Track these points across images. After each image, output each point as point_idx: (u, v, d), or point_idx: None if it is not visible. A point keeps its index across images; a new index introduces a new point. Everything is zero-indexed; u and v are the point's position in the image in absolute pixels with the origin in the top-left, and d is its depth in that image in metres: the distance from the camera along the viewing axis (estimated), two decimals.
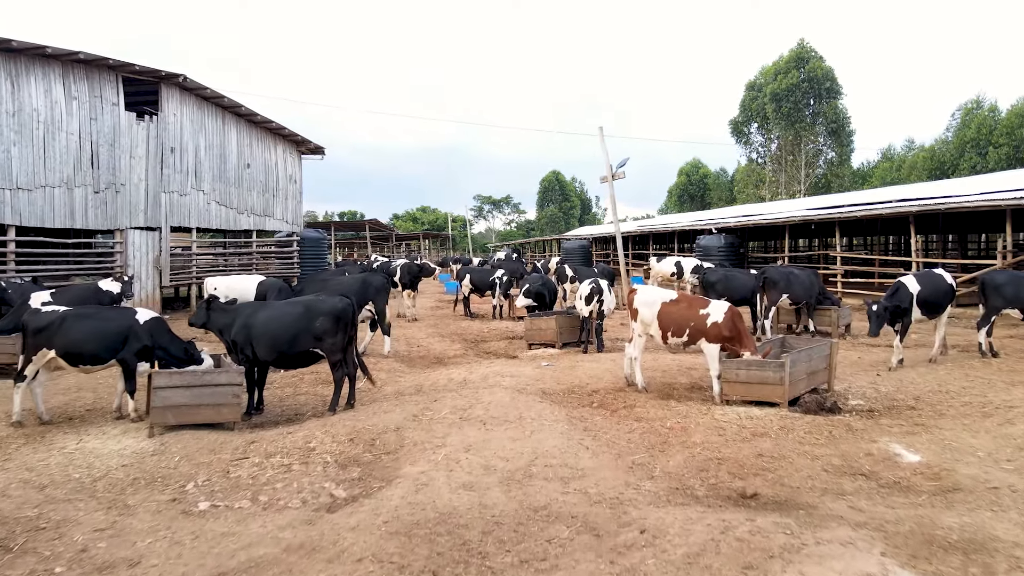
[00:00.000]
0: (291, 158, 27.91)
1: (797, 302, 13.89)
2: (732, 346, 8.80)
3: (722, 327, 8.81)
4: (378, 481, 6.19)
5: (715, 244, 27.92)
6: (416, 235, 63.27)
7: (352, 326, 8.40)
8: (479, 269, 20.49)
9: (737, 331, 8.79)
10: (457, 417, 7.81)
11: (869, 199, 26.69)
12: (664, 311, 9.26)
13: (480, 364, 11.94)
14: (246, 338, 8.23)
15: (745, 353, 8.60)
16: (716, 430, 7.38)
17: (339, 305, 8.23)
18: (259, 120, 25.31)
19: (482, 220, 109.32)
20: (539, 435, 7.18)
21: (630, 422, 7.90)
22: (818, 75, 53.54)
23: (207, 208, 23.02)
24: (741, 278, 15.03)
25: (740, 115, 62.11)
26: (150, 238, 20.54)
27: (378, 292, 12.42)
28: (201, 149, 22.69)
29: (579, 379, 10.11)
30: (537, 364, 11.58)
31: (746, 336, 8.80)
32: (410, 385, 10.16)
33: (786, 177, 59.06)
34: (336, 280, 12.67)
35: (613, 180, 18.76)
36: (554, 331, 13.36)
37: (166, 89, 21.06)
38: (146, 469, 6.60)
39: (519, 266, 31.46)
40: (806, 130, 55.95)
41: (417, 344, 14.47)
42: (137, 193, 20.08)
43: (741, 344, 8.74)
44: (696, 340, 9.00)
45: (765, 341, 9.62)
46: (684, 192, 78.08)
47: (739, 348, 8.72)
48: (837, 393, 9.07)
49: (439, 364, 12.58)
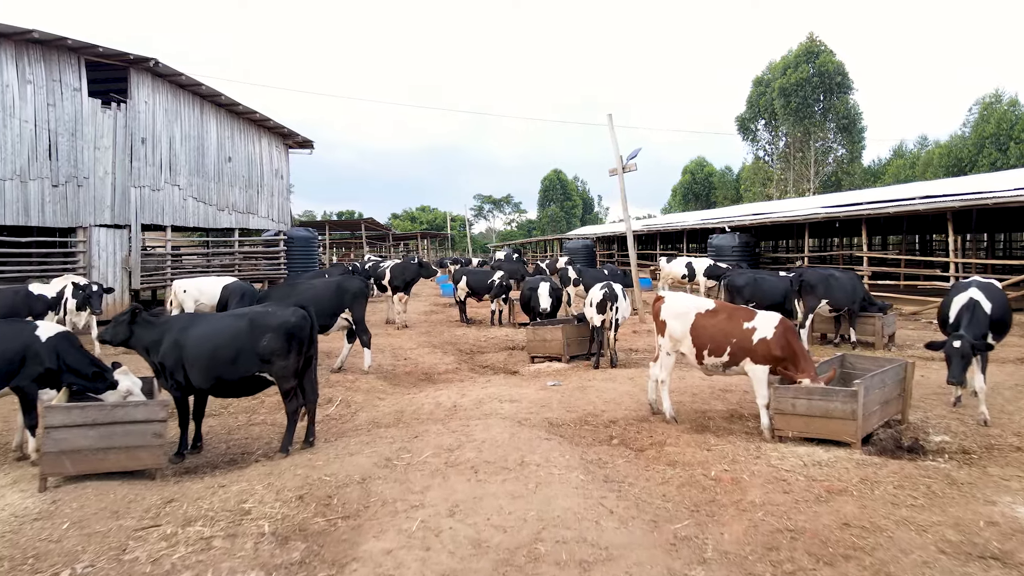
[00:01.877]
0: (277, 152, 26.20)
1: (838, 309, 12.17)
2: (785, 368, 7.09)
3: (772, 345, 7.10)
4: (327, 567, 4.48)
5: (728, 243, 26.21)
6: (414, 235, 61.56)
7: (310, 344, 6.68)
8: (476, 271, 18.77)
9: (791, 350, 7.08)
10: (442, 462, 6.09)
11: (894, 195, 24.94)
12: (700, 324, 7.55)
13: (474, 383, 10.23)
14: (176, 360, 6.53)
15: (803, 378, 6.89)
16: (777, 483, 5.66)
17: (291, 319, 6.51)
18: (241, 110, 23.59)
19: (482, 220, 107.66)
20: (547, 490, 5.47)
21: (662, 467, 6.18)
22: (829, 69, 51.80)
23: (183, 204, 21.30)
24: (771, 281, 13.31)
25: (747, 111, 60.40)
26: (118, 237, 18.83)
27: (355, 298, 10.71)
28: (176, 140, 20.97)
29: (593, 404, 8.39)
30: (541, 383, 9.88)
31: (803, 356, 7.08)
32: (389, 411, 8.45)
33: (795, 175, 57.36)
34: (307, 285, 10.96)
35: (624, 172, 17.05)
36: (560, 343, 11.65)
37: (136, 75, 19.35)
38: (20, 543, 4.89)
39: (519, 267, 29.78)
40: (816, 126, 54.22)
41: (404, 356, 12.75)
42: (103, 187, 18.36)
43: (797, 366, 7.03)
44: (739, 361, 7.29)
45: (825, 362, 7.89)
46: (689, 191, 76.33)
47: (794, 371, 7.01)
48: (913, 425, 7.36)
49: (427, 381, 10.87)
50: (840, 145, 56.04)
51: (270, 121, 25.04)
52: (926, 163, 49.53)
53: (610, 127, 17.27)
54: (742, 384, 8.89)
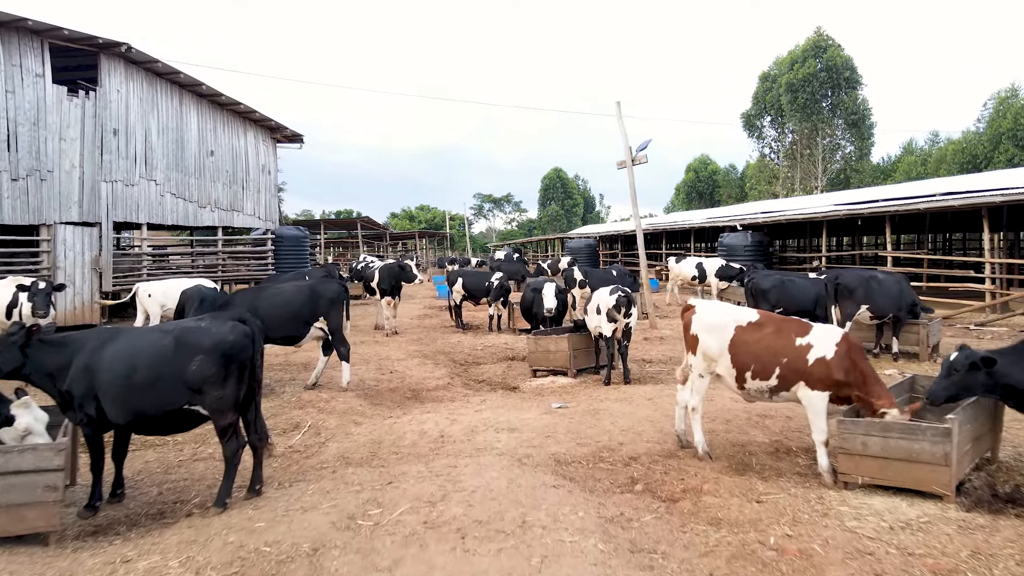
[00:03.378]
0: (264, 146, 24.83)
1: (881, 315, 10.78)
2: (850, 394, 5.72)
3: (833, 366, 5.71)
4: None
5: (740, 243, 24.80)
6: (412, 234, 60.16)
7: (253, 368, 5.29)
8: (473, 272, 17.36)
9: (858, 372, 5.69)
10: (420, 521, 4.71)
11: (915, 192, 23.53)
12: (741, 340, 6.16)
13: (468, 403, 8.85)
14: (87, 388, 5.13)
15: (880, 408, 5.50)
16: (862, 559, 4.27)
17: (228, 337, 5.11)
18: (224, 101, 22.21)
19: (483, 219, 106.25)
20: (556, 567, 4.10)
21: (703, 528, 4.80)
22: (837, 64, 50.35)
23: (160, 201, 19.92)
24: (801, 284, 11.92)
25: (753, 108, 58.99)
26: (87, 235, 17.45)
27: (331, 304, 9.32)
28: (153, 132, 19.59)
29: (608, 434, 7.00)
30: (545, 404, 8.49)
31: (874, 380, 5.70)
32: (364, 442, 7.07)
33: (801, 172, 55.94)
34: (274, 290, 9.55)
35: (633, 165, 15.65)
36: (566, 355, 10.26)
37: (107, 61, 17.97)
38: None
39: (520, 267, 28.39)
40: (824, 122, 52.80)
41: (390, 369, 11.37)
42: (69, 182, 16.97)
43: (867, 392, 5.64)
44: (791, 385, 5.90)
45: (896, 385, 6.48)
46: (692, 189, 74.86)
47: (863, 398, 5.63)
48: (1006, 465, 5.97)
49: (414, 400, 9.48)
50: (848, 142, 54.64)
51: (256, 113, 23.68)
52: (939, 160, 48.10)
53: (618, 116, 15.88)
54: (784, 407, 7.52)
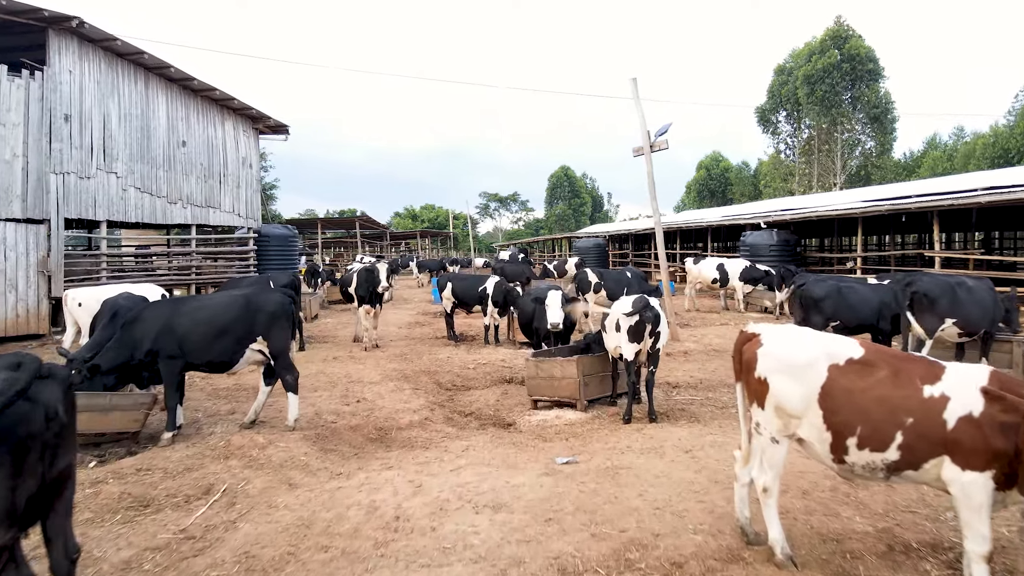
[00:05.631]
0: (245, 137, 22.83)
1: (973, 332, 8.61)
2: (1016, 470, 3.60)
3: (988, 430, 3.59)
4: None
5: (765, 242, 22.66)
6: (414, 234, 58.12)
7: (56, 448, 3.18)
8: (464, 276, 15.22)
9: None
10: None
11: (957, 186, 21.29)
12: (839, 387, 4.03)
13: (445, 452, 6.74)
14: None
15: None
16: None
17: None
18: (198, 87, 20.22)
19: (488, 219, 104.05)
20: None
21: None
22: (859, 55, 47.94)
23: (122, 196, 17.92)
24: (861, 292, 9.75)
25: (767, 102, 56.65)
26: (32, 234, 15.46)
27: (273, 320, 7.24)
28: (113, 119, 17.59)
29: (634, 513, 4.88)
30: (547, 457, 6.38)
31: None
32: (287, 524, 4.97)
33: (819, 168, 53.59)
34: (196, 303, 7.43)
35: (652, 152, 13.52)
36: (575, 383, 8.14)
37: (56, 37, 15.96)
38: None
39: (525, 268, 26.29)
40: (843, 116, 50.41)
41: (358, 396, 9.27)
42: (9, 173, 14.97)
43: None
44: (923, 461, 3.78)
45: None
46: (704, 187, 72.63)
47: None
48: None
49: (378, 443, 7.38)
50: (869, 137, 52.26)
51: (235, 101, 21.67)
52: (966, 155, 45.75)
53: (635, 95, 13.75)
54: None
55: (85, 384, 6.85)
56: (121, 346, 7.00)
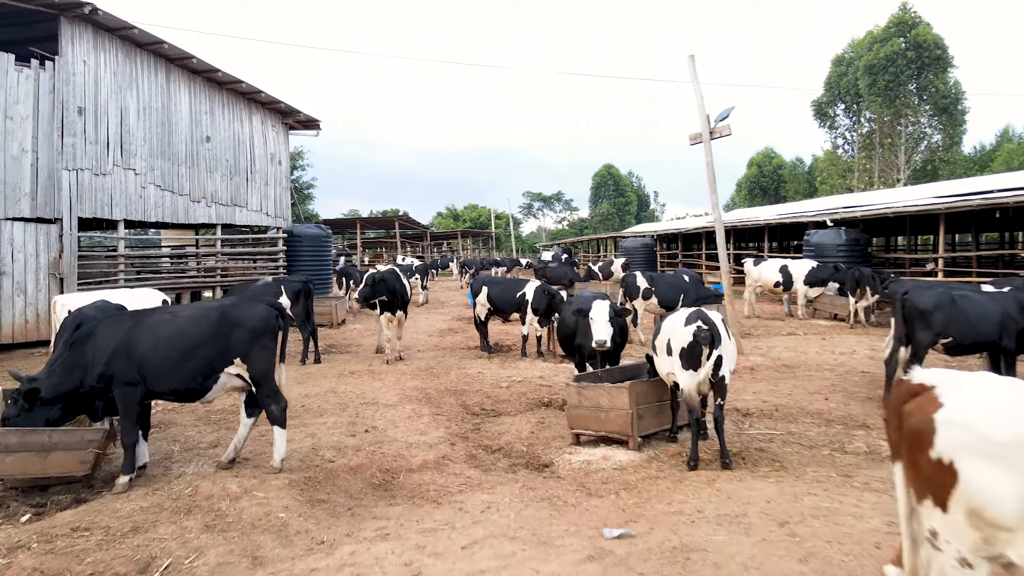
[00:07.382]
0: (274, 133, 21.80)
1: None
2: None
3: None
4: None
5: (832, 241, 20.58)
6: (455, 233, 56.94)
7: None
8: (501, 280, 13.66)
9: None
10: None
11: None
12: None
13: (461, 511, 5.25)
14: None
15: None
16: None
17: None
18: (222, 79, 19.22)
19: (532, 218, 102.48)
20: None
21: None
22: (927, 41, 44.83)
23: (141, 194, 16.98)
24: (978, 302, 7.91)
25: (824, 95, 53.76)
26: (42, 234, 14.57)
27: (253, 339, 5.87)
28: (131, 113, 16.67)
29: None
30: (592, 525, 4.84)
31: None
32: None
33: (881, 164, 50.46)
34: (161, 316, 6.07)
35: (712, 139, 11.82)
36: (625, 416, 6.56)
37: (69, 26, 15.06)
38: None
39: (568, 270, 24.70)
40: (908, 108, 47.28)
41: (367, 424, 7.86)
42: (17, 169, 14.09)
43: None
44: None
45: None
46: (755, 185, 69.62)
47: None
48: None
49: (380, 492, 5.93)
50: (936, 129, 48.95)
51: (262, 94, 20.63)
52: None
53: (692, 76, 12.07)
54: None
55: (22, 417, 5.60)
56: (68, 369, 5.73)
